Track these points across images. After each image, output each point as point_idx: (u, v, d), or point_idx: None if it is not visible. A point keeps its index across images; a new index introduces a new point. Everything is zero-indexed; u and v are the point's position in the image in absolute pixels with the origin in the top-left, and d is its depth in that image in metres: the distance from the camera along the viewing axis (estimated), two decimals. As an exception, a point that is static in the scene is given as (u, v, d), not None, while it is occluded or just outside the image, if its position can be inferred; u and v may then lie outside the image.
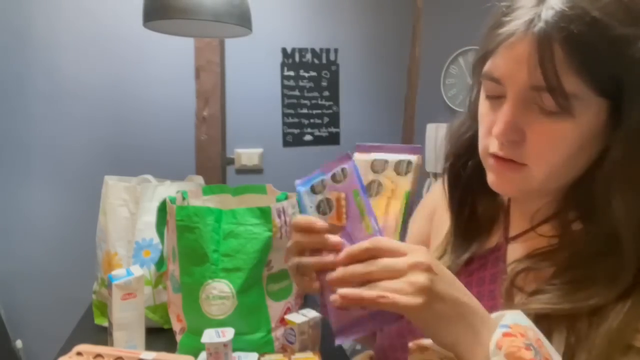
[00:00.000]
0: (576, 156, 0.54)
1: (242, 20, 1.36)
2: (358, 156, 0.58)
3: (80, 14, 1.98)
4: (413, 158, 0.57)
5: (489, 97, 0.57)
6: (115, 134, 2.06)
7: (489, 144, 0.58)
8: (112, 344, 1.12)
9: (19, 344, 1.98)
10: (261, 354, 1.11)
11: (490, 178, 0.60)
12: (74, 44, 1.98)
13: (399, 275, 0.47)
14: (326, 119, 2.33)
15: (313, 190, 0.55)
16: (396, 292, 0.46)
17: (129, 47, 2.03)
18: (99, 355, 1.00)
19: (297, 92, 2.28)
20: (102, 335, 1.21)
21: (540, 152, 0.54)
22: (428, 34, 2.34)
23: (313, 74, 2.29)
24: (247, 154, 2.24)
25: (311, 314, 1.16)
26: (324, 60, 2.30)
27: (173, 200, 1.18)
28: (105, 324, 1.30)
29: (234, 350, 1.05)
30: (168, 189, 1.35)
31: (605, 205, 0.53)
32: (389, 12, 2.35)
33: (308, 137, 2.32)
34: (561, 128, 0.52)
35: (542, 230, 0.62)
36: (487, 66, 0.55)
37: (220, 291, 1.08)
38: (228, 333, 1.02)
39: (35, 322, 2.02)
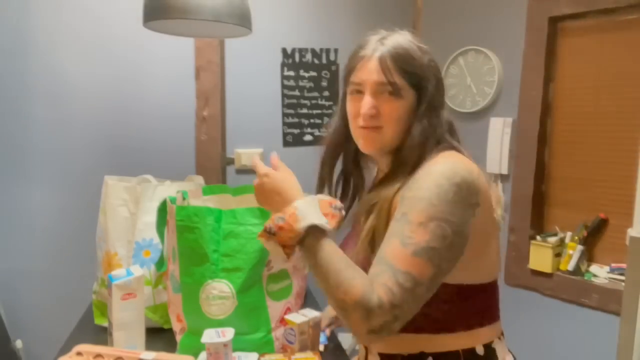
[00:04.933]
0: (405, 122, 0.91)
1: (242, 20, 1.36)
2: None
3: (80, 14, 1.98)
4: None
5: (353, 95, 0.94)
6: (115, 134, 2.06)
7: (358, 121, 0.93)
8: (112, 344, 1.12)
9: (19, 344, 1.98)
10: (261, 354, 1.11)
11: (360, 143, 0.95)
12: (74, 45, 1.98)
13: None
14: (326, 119, 2.32)
15: None
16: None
17: (129, 47, 2.03)
18: (99, 355, 1.00)
19: (297, 92, 2.28)
20: (102, 335, 1.21)
21: (389, 118, 0.91)
22: (428, 34, 2.33)
23: (313, 74, 2.29)
24: (247, 154, 2.24)
25: (311, 314, 1.16)
26: (324, 60, 2.30)
27: (173, 200, 1.18)
28: (105, 324, 1.30)
29: (234, 350, 1.05)
30: (168, 189, 1.35)
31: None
32: (389, 12, 2.35)
33: (308, 137, 2.32)
34: (397, 104, 0.91)
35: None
36: (352, 77, 0.93)
37: (220, 291, 1.08)
38: (228, 333, 1.02)
39: (35, 322, 2.02)
